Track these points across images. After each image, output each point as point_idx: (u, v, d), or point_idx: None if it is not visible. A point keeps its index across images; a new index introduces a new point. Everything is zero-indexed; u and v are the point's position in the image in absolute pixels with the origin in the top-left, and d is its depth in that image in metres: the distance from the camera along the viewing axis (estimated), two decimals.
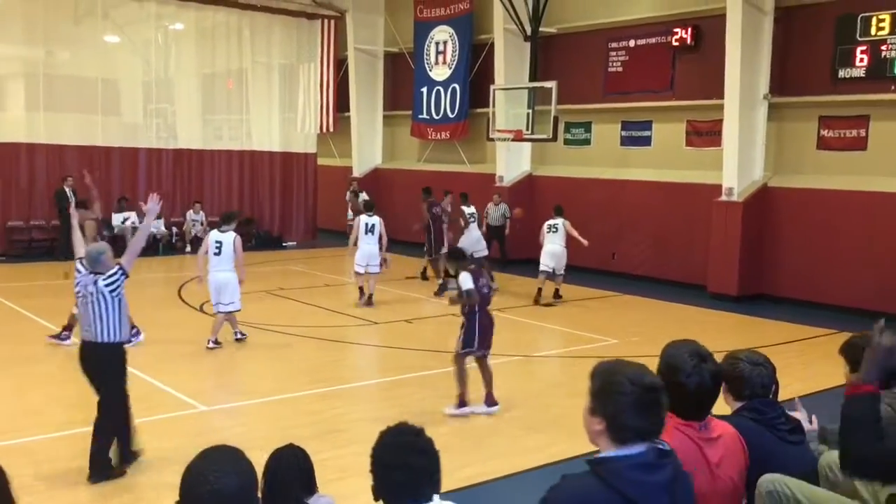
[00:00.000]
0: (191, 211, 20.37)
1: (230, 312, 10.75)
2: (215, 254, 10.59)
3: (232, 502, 2.24)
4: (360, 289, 14.02)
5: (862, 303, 13.49)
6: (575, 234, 14.58)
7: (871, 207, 14.03)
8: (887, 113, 13.99)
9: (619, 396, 2.36)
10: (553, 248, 14.59)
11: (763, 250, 15.45)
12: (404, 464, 2.56)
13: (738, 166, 15.34)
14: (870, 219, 14.04)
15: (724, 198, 15.53)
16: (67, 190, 17.92)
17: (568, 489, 2.35)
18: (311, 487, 3.84)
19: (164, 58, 21.14)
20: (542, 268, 14.71)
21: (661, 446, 2.39)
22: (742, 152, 15.34)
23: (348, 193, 20.32)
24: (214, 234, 10.73)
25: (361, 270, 13.77)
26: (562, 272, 14.77)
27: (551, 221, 14.84)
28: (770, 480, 3.15)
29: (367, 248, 13.70)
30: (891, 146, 14.00)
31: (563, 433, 7.53)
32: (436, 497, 2.58)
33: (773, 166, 15.68)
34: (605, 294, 15.79)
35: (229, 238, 10.64)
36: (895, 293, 13.29)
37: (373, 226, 13.80)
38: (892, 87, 13.79)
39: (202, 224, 20.14)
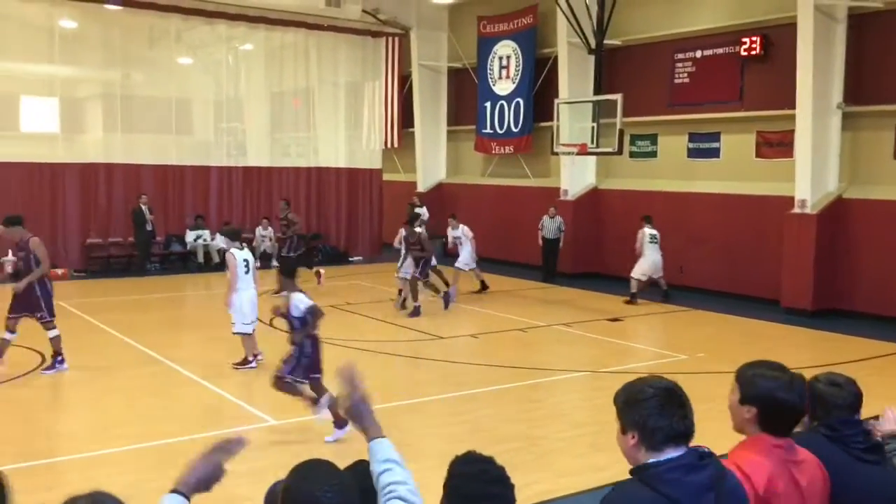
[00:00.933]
0: (259, 227, 20.80)
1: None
2: (245, 272, 10.52)
3: None
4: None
5: None
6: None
7: None
8: None
9: (643, 403, 2.45)
10: (657, 258, 16.04)
11: (838, 263, 15.00)
12: (484, 494, 2.57)
13: (811, 177, 14.95)
14: None
15: (797, 210, 15.15)
16: (144, 208, 18.54)
17: (616, 498, 2.44)
18: None
19: (235, 78, 21.71)
20: (639, 276, 15.99)
21: (702, 449, 2.44)
22: (815, 163, 14.95)
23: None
24: (241, 253, 10.62)
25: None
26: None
27: (651, 231, 16.06)
28: None
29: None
30: None
31: None
32: None
33: (847, 177, 15.23)
34: (673, 309, 15.55)
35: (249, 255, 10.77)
36: None
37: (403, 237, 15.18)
38: None
39: (270, 240, 20.56)
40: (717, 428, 3.30)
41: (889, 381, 10.26)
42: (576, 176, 19.59)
